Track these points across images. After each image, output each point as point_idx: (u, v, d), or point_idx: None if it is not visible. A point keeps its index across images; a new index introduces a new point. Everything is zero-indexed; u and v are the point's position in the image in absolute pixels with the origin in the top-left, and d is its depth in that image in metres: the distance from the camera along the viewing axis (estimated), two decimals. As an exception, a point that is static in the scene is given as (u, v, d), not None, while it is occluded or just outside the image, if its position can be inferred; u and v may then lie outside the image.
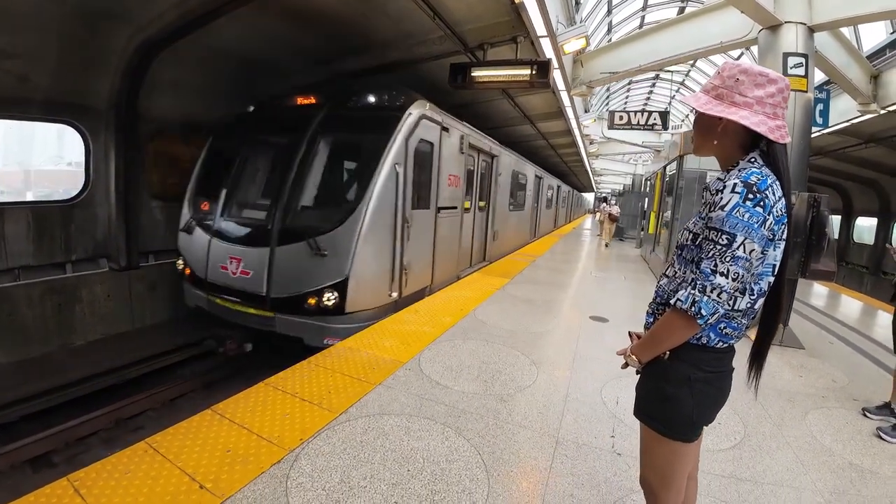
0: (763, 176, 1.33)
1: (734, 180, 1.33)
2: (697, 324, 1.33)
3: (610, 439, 2.89)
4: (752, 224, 1.28)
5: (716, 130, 1.45)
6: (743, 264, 1.29)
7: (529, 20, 5.73)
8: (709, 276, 1.30)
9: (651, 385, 1.54)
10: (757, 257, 1.31)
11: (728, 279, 1.29)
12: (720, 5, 6.51)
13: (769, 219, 1.31)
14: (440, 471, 2.43)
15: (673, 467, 1.55)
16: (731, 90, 1.39)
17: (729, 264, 1.29)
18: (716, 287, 1.29)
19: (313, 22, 6.09)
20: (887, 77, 8.30)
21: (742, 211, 1.29)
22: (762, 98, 1.36)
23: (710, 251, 1.32)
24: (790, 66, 5.10)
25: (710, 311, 1.30)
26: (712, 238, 1.32)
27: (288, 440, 2.58)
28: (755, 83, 1.36)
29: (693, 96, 1.48)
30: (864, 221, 18.69)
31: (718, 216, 1.31)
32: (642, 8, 17.33)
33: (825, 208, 4.65)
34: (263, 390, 3.13)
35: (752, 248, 1.29)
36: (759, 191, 1.30)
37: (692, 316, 1.31)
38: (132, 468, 2.24)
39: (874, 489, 2.60)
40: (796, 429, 3.24)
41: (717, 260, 1.30)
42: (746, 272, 1.31)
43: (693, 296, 1.32)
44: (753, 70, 1.38)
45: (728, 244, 1.29)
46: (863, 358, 5.00)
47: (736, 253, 1.28)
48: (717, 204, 1.33)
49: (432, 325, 4.83)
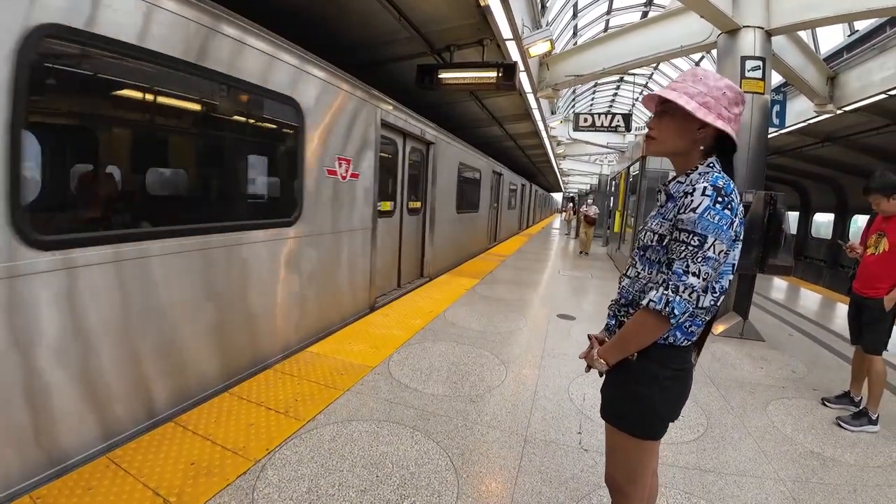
0: (726, 181, 1.38)
1: (703, 184, 1.36)
2: (669, 323, 1.35)
3: (577, 436, 2.92)
4: (721, 226, 1.32)
5: (693, 134, 1.46)
6: (712, 264, 1.33)
7: (495, 23, 5.77)
8: (681, 276, 1.33)
9: (620, 386, 1.55)
10: (723, 258, 1.36)
11: (699, 279, 1.32)
12: (681, 10, 6.68)
13: (735, 221, 1.36)
14: (409, 475, 2.41)
15: (641, 465, 1.57)
16: (719, 102, 1.42)
17: (700, 265, 1.32)
18: (688, 287, 1.32)
19: (279, 22, 5.98)
20: (844, 78, 8.63)
21: (713, 213, 1.32)
22: (737, 116, 1.45)
23: (682, 252, 1.35)
24: (748, 70, 5.27)
25: (682, 310, 1.33)
26: (683, 239, 1.35)
27: (254, 450, 2.52)
28: (736, 101, 1.44)
29: (678, 96, 1.44)
30: (822, 217, 19.48)
31: (690, 218, 1.34)
32: (607, 12, 17.69)
33: (781, 205, 4.82)
34: (228, 400, 3.05)
35: (721, 249, 1.33)
36: (726, 194, 1.35)
37: (665, 316, 1.34)
38: (94, 484, 2.15)
39: (836, 477, 2.68)
40: (758, 419, 3.33)
41: (689, 260, 1.33)
42: (714, 272, 1.35)
43: (666, 296, 1.34)
44: (735, 88, 1.45)
45: (699, 245, 1.32)
46: (821, 348, 5.19)
47: (707, 254, 1.32)
48: (687, 206, 1.36)
49: (402, 328, 4.80)
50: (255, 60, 3.48)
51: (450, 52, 6.89)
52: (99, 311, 2.50)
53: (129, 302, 2.68)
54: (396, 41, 6.69)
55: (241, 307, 3.56)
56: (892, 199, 3.27)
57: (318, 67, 4.20)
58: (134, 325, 2.71)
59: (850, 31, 9.03)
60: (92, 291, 2.45)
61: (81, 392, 2.44)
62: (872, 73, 7.91)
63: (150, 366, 2.83)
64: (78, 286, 2.38)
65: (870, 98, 8.04)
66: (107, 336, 2.55)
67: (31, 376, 2.21)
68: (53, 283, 2.27)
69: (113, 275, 2.56)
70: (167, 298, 2.91)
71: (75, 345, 2.39)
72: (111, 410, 2.60)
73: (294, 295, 4.18)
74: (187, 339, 3.09)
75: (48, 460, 2.30)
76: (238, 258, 3.48)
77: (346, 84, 4.73)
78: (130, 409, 2.72)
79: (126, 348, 2.67)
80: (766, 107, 5.47)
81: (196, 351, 3.18)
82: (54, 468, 2.31)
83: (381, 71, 7.69)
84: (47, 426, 2.29)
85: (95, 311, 2.48)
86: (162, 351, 2.91)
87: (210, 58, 3.06)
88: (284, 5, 5.58)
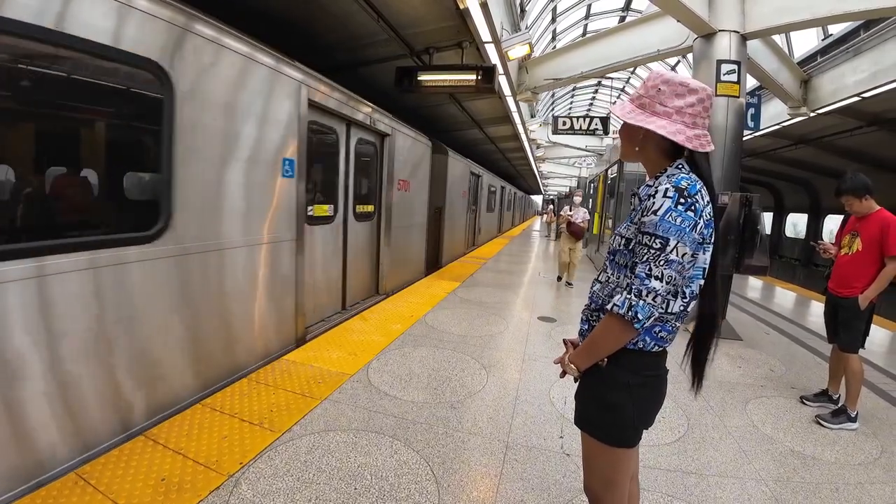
0: (692, 181, 1.35)
1: (665, 185, 1.34)
2: (634, 328, 1.32)
3: (559, 440, 2.89)
4: (683, 228, 1.30)
5: (637, 138, 1.48)
6: (676, 267, 1.30)
7: (475, 26, 5.74)
8: (644, 280, 1.30)
9: (591, 394, 1.52)
10: (688, 260, 1.33)
11: (662, 282, 1.29)
12: (658, 15, 6.76)
13: (700, 223, 1.33)
14: (389, 486, 2.34)
15: (617, 472, 1.54)
16: (653, 100, 1.41)
17: (663, 268, 1.29)
18: (651, 291, 1.29)
19: (258, 23, 5.88)
20: (817, 81, 8.81)
21: (674, 215, 1.30)
22: (682, 108, 1.38)
23: (644, 255, 1.32)
24: (723, 73, 5.34)
25: (646, 314, 1.30)
26: (645, 242, 1.33)
27: (227, 464, 2.43)
28: (675, 93, 1.39)
29: (619, 105, 1.50)
30: (795, 217, 19.97)
31: (651, 220, 1.32)
32: (585, 17, 17.91)
33: (757, 207, 4.90)
34: (200, 412, 2.94)
35: (684, 252, 1.30)
36: (689, 195, 1.32)
37: (629, 320, 1.31)
38: (62, 502, 2.06)
39: (818, 475, 2.70)
40: (738, 419, 3.35)
41: (651, 264, 1.31)
42: (679, 275, 1.32)
43: (629, 300, 1.31)
44: (674, 80, 1.40)
45: (661, 248, 1.30)
46: (798, 347, 5.27)
47: (669, 256, 1.29)
48: (649, 209, 1.34)
49: (381, 334, 4.72)
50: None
51: (429, 54, 6.86)
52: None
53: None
54: (375, 43, 6.61)
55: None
56: (864, 199, 3.33)
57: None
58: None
59: (824, 35, 9.24)
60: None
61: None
62: (845, 76, 8.09)
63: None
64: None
65: (843, 101, 8.22)
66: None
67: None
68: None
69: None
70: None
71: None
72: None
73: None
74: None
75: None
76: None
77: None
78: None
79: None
80: (741, 110, 5.55)
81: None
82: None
83: (359, 73, 7.61)
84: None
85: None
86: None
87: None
88: (260, 5, 5.47)
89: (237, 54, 3.40)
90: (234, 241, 3.49)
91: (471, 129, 12.86)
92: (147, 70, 2.70)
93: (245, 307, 3.70)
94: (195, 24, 2.97)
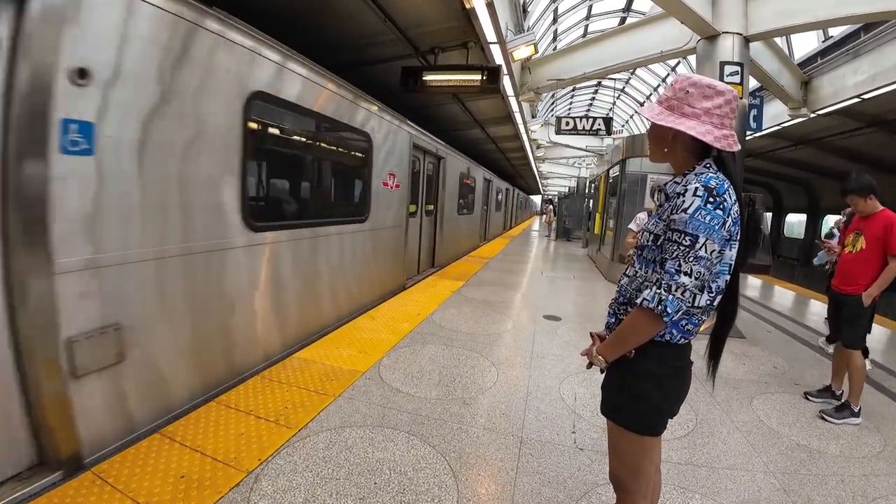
0: (720, 181, 1.39)
1: (695, 184, 1.38)
2: (663, 321, 1.37)
3: (571, 435, 2.94)
4: (713, 226, 1.34)
5: (667, 139, 1.52)
6: (705, 264, 1.34)
7: (480, 26, 5.78)
8: (673, 275, 1.35)
9: (619, 383, 1.57)
10: (716, 257, 1.37)
11: (691, 278, 1.34)
12: (662, 16, 6.78)
13: (728, 220, 1.37)
14: (408, 480, 2.38)
15: (644, 461, 1.59)
16: (682, 102, 1.46)
17: (692, 264, 1.34)
18: (680, 286, 1.34)
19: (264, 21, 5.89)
20: (817, 83, 8.87)
21: (704, 213, 1.34)
22: (710, 109, 1.43)
23: (674, 252, 1.36)
24: (726, 75, 5.38)
25: (675, 308, 1.34)
26: (675, 239, 1.37)
27: (245, 461, 2.45)
28: (703, 95, 1.43)
29: (647, 107, 1.54)
30: (794, 217, 20.09)
31: (681, 218, 1.36)
32: (586, 17, 17.93)
33: (760, 206, 4.96)
34: (215, 409, 2.97)
35: (713, 249, 1.35)
36: (718, 194, 1.36)
37: (658, 314, 1.35)
38: (80, 501, 2.07)
39: (824, 468, 2.77)
40: (744, 414, 3.41)
41: (680, 260, 1.35)
42: (708, 271, 1.36)
43: (659, 294, 1.35)
44: (702, 83, 1.44)
45: (691, 245, 1.34)
46: (799, 344, 5.34)
47: (699, 253, 1.34)
48: (679, 207, 1.38)
49: (390, 332, 4.76)
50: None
51: (434, 54, 6.89)
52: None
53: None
54: (381, 42, 6.65)
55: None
56: (869, 199, 3.39)
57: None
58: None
59: (825, 37, 9.29)
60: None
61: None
62: (846, 78, 8.15)
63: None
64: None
65: (843, 102, 8.28)
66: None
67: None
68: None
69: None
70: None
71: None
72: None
73: None
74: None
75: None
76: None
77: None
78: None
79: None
80: (744, 111, 5.60)
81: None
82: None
83: (364, 72, 7.63)
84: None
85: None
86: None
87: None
88: (266, 2, 5.49)
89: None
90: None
91: (472, 128, 12.89)
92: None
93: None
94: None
